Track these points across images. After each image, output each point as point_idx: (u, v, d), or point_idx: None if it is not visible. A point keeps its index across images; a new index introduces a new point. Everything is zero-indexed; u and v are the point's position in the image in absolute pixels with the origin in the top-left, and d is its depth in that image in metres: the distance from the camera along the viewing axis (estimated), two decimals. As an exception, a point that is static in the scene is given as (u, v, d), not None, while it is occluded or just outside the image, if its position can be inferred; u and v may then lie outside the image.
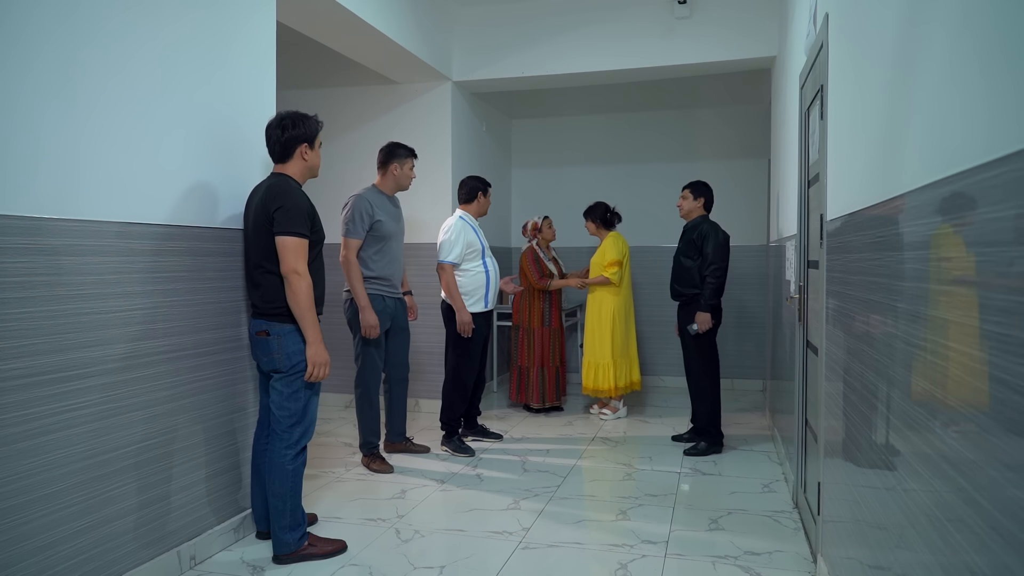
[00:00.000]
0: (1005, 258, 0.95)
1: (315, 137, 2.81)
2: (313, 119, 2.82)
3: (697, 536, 2.99)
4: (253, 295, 2.75)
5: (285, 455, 2.70)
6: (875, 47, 1.77)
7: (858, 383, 1.88)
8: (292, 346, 2.68)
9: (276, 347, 2.67)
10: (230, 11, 2.88)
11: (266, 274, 2.68)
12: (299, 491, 2.74)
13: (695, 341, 4.19)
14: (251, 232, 2.73)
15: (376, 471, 3.84)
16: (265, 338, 2.69)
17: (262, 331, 2.69)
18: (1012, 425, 0.92)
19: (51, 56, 2.11)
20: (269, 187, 2.70)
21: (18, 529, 2.01)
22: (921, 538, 1.30)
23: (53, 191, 2.12)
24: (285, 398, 2.69)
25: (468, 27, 5.39)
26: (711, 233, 4.15)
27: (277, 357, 2.67)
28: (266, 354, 2.70)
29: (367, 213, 3.76)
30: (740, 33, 4.87)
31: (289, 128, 2.74)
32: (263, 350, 2.71)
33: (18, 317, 2.01)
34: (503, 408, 5.53)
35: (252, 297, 2.77)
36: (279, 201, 2.63)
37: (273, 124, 2.77)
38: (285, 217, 2.61)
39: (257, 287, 2.72)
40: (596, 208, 5.13)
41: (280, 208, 2.61)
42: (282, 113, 2.79)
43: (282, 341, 2.67)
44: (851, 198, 2.00)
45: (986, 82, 1.04)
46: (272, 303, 2.68)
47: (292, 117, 2.76)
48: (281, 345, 2.67)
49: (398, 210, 4.02)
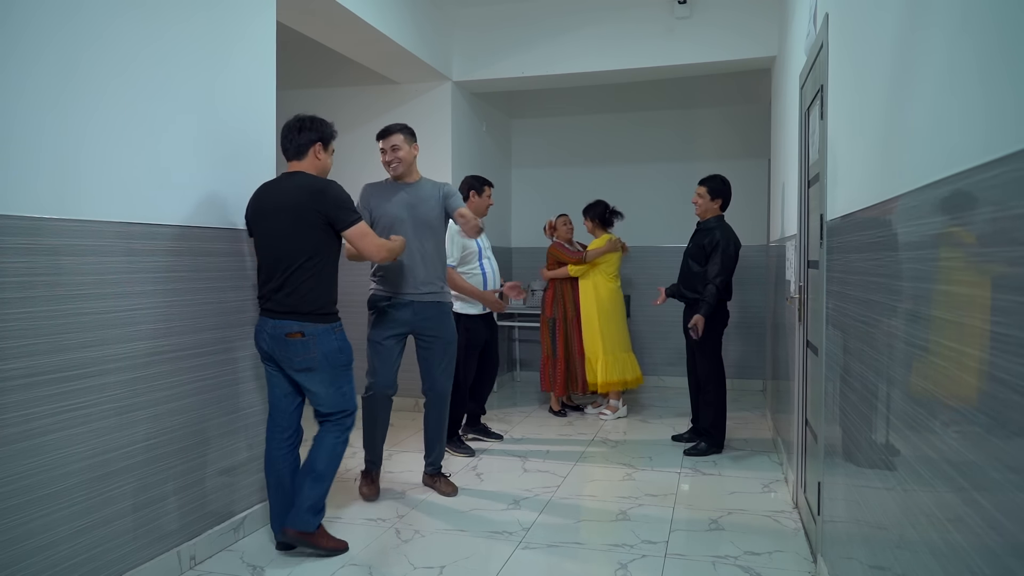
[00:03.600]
0: (1005, 258, 0.95)
1: (329, 140, 2.85)
2: (330, 124, 2.86)
3: (697, 536, 2.99)
4: (280, 294, 2.69)
5: (339, 440, 2.82)
6: (875, 47, 1.77)
7: (858, 383, 1.88)
8: (327, 344, 2.71)
9: (312, 347, 2.68)
10: (230, 12, 2.88)
11: (307, 273, 2.67)
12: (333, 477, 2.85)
13: (701, 342, 4.18)
14: (287, 229, 2.67)
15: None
16: (299, 339, 2.67)
17: (295, 332, 2.67)
18: (1012, 425, 0.92)
19: (52, 57, 2.11)
20: (308, 187, 2.69)
21: (18, 529, 2.01)
22: (921, 538, 1.30)
23: (53, 191, 2.12)
24: (331, 394, 2.76)
25: (468, 27, 5.39)
26: (721, 243, 4.10)
27: (313, 356, 2.69)
28: (299, 354, 2.69)
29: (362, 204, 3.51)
30: (740, 33, 4.87)
31: (306, 129, 2.78)
32: (295, 351, 2.68)
33: (18, 317, 2.01)
34: (504, 408, 5.53)
35: (279, 296, 2.69)
36: (329, 198, 2.69)
37: (291, 123, 2.82)
38: (342, 210, 2.71)
39: (292, 288, 2.68)
40: (595, 206, 5.14)
41: (334, 205, 2.69)
42: (300, 115, 2.83)
43: (317, 340, 2.69)
44: (851, 198, 2.00)
45: (985, 82, 1.04)
46: (310, 303, 2.69)
47: (309, 119, 2.81)
48: (316, 344, 2.69)
49: (409, 195, 3.42)
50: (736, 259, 4.16)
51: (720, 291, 4.07)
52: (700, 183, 4.32)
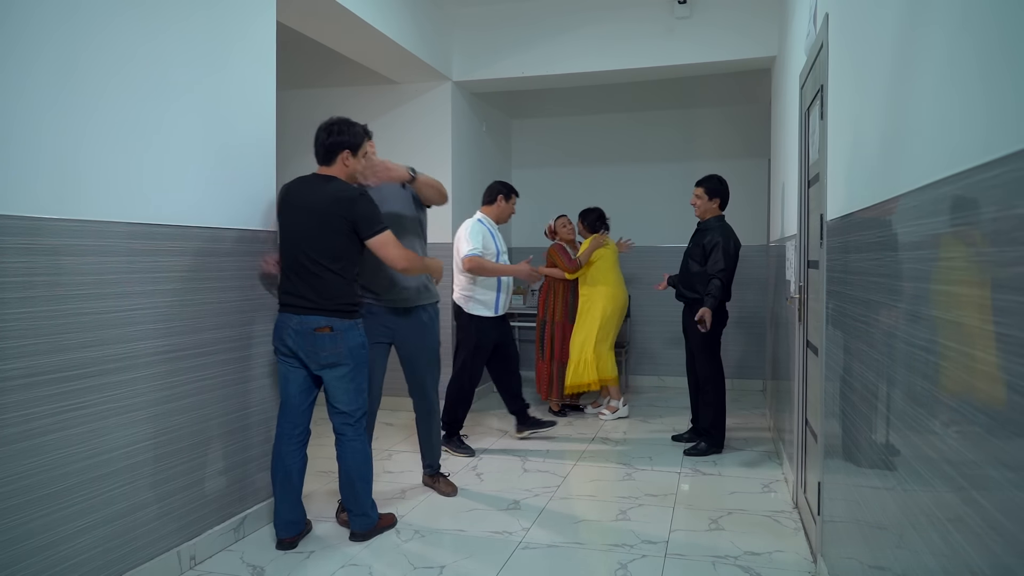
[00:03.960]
0: (1005, 258, 0.95)
1: (359, 146, 2.87)
2: (359, 128, 2.88)
3: (697, 536, 2.99)
4: (306, 290, 2.75)
5: (363, 443, 2.89)
6: (875, 47, 1.77)
7: (858, 383, 1.88)
8: (353, 339, 2.79)
9: (340, 342, 2.76)
10: (230, 11, 2.88)
11: (332, 273, 2.76)
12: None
13: (701, 343, 4.18)
14: (314, 230, 2.76)
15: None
16: (328, 334, 2.74)
17: (324, 327, 2.73)
18: (1012, 425, 0.92)
19: (51, 56, 2.11)
20: (338, 195, 2.76)
21: (18, 529, 2.02)
22: (921, 538, 1.30)
23: (53, 191, 2.12)
24: (352, 393, 2.82)
25: (468, 27, 5.39)
26: (721, 241, 4.10)
27: (340, 351, 2.76)
28: (326, 349, 2.75)
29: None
30: (740, 33, 4.87)
31: (335, 134, 2.82)
32: (322, 345, 2.75)
33: (18, 317, 2.01)
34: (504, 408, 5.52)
35: (305, 292, 2.75)
36: (357, 209, 2.76)
37: (321, 128, 2.86)
38: (368, 221, 2.77)
39: (318, 286, 2.75)
40: (590, 213, 5.21)
41: (362, 216, 2.76)
42: (332, 118, 2.87)
43: (344, 336, 2.76)
44: (851, 198, 2.00)
45: (986, 82, 1.04)
46: (337, 299, 2.76)
47: (339, 123, 2.85)
48: (344, 339, 2.76)
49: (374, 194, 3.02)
50: (736, 258, 4.16)
51: (724, 279, 4.06)
52: (697, 184, 4.34)
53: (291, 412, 2.86)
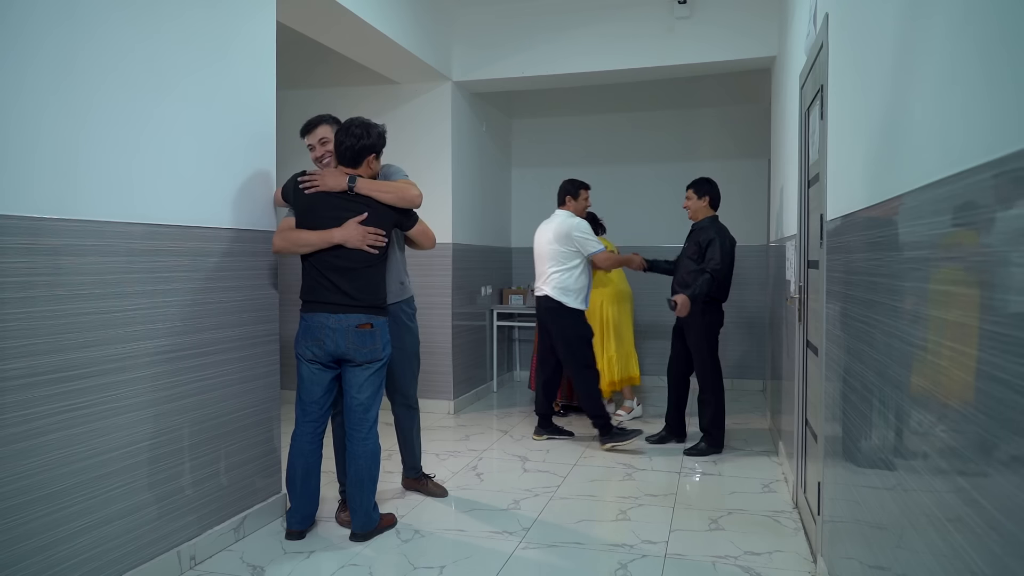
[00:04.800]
0: (1006, 258, 0.95)
1: (381, 149, 3.00)
2: (378, 130, 2.96)
3: (697, 536, 2.99)
4: (348, 287, 2.81)
5: (377, 443, 2.95)
6: (875, 47, 1.77)
7: (858, 383, 1.88)
8: (387, 337, 2.93)
9: (379, 338, 2.86)
10: (230, 11, 2.88)
11: (376, 270, 2.88)
12: None
13: (699, 343, 4.18)
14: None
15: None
16: (369, 330, 2.83)
17: (365, 324, 2.83)
18: (1012, 425, 0.92)
19: (49, 56, 2.11)
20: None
21: (18, 529, 2.01)
22: (921, 538, 1.30)
23: (53, 191, 2.12)
24: (375, 390, 2.91)
25: (468, 27, 5.39)
26: (716, 239, 4.11)
27: (378, 347, 2.87)
28: (368, 345, 2.84)
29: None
30: (740, 33, 4.87)
31: (364, 138, 2.90)
32: (362, 342, 2.82)
33: (18, 317, 2.01)
34: (504, 408, 5.53)
35: (347, 289, 2.81)
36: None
37: (342, 130, 2.92)
38: (406, 214, 3.02)
39: (362, 283, 2.83)
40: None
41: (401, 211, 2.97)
42: (354, 121, 2.92)
43: (381, 332, 2.89)
44: (851, 198, 2.00)
45: (987, 81, 1.04)
46: (376, 294, 2.88)
47: (362, 127, 2.91)
48: (381, 335, 2.88)
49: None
50: (732, 256, 4.17)
51: (715, 279, 4.05)
52: (687, 188, 4.40)
53: (314, 408, 2.92)
